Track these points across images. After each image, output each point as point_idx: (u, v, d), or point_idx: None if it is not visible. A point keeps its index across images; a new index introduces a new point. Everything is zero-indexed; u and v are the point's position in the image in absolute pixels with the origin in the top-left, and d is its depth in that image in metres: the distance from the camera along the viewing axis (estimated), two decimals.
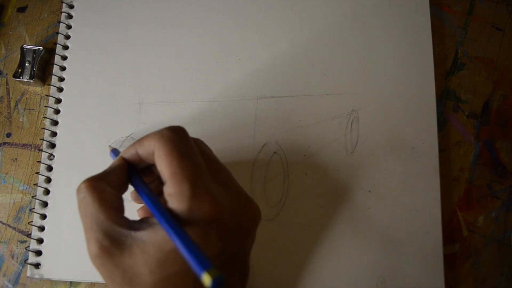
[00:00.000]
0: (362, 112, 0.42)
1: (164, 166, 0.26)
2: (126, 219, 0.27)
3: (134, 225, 0.27)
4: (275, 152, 0.41)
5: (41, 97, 0.45)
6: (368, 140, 0.41)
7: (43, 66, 0.45)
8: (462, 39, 0.45)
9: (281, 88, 0.43)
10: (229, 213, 0.27)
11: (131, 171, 0.30)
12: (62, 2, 0.46)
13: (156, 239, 0.25)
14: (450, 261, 0.40)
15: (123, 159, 0.30)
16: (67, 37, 0.45)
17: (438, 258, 0.38)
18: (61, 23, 0.45)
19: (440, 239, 0.39)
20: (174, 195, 0.26)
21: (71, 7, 0.46)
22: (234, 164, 0.41)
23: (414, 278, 0.38)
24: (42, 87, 0.46)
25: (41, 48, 0.44)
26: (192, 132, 0.43)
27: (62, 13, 0.46)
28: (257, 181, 0.41)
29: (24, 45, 0.44)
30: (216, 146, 0.42)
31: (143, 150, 0.28)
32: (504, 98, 0.44)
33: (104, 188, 0.27)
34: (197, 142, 0.31)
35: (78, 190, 0.28)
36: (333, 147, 0.41)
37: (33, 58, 0.44)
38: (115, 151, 0.37)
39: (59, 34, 0.45)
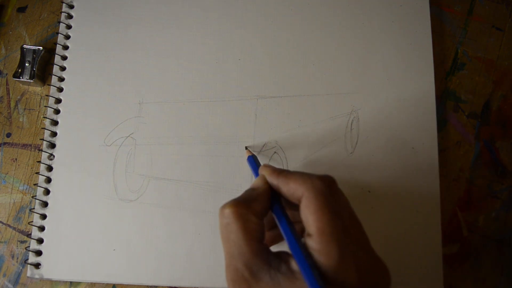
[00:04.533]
0: (362, 112, 0.42)
1: (312, 220, 0.26)
2: (266, 252, 0.27)
3: (273, 262, 0.27)
4: (275, 152, 0.41)
5: (41, 97, 0.45)
6: (368, 140, 0.42)
7: (43, 66, 0.45)
8: (462, 39, 0.45)
9: (281, 88, 0.43)
10: (369, 282, 0.26)
11: (273, 199, 0.30)
12: (62, 2, 0.46)
13: None
14: (450, 261, 0.40)
15: (268, 184, 0.30)
16: (67, 37, 0.45)
17: (437, 258, 0.38)
18: (61, 23, 0.45)
19: (440, 239, 0.39)
20: (320, 252, 0.25)
21: (71, 7, 0.46)
22: (234, 164, 0.41)
23: (413, 278, 0.38)
24: (42, 87, 0.46)
25: (41, 48, 0.44)
26: (192, 132, 0.43)
27: (62, 13, 0.46)
28: None
29: (24, 45, 0.44)
30: (216, 146, 0.42)
31: (287, 190, 0.28)
32: (504, 98, 0.44)
33: (249, 218, 0.27)
34: (337, 192, 0.30)
35: (222, 214, 0.28)
36: (333, 147, 0.41)
37: (33, 58, 0.44)
38: (253, 159, 0.37)
39: (59, 34, 0.45)
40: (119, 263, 0.39)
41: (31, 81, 0.44)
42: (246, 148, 0.41)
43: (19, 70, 0.44)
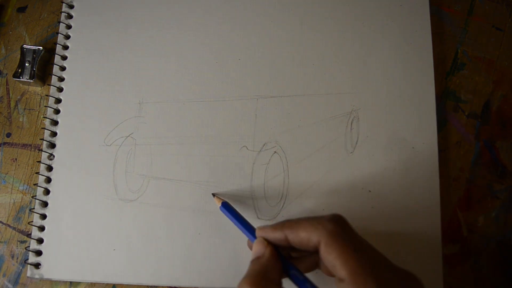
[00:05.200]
0: (362, 112, 0.42)
1: (340, 264, 0.25)
2: None
3: None
4: (275, 152, 0.41)
5: (41, 97, 0.45)
6: (368, 140, 0.42)
7: (43, 66, 0.45)
8: (462, 39, 0.45)
9: (281, 88, 0.43)
10: None
11: (282, 260, 0.29)
12: (62, 2, 0.46)
13: None
14: (450, 261, 0.40)
15: (270, 246, 0.29)
16: (67, 37, 0.45)
17: (437, 258, 0.38)
18: (61, 23, 0.45)
19: (440, 239, 0.39)
20: None
21: (71, 7, 0.46)
22: (234, 164, 0.41)
23: None
24: (42, 87, 0.46)
25: (41, 48, 0.44)
26: (192, 132, 0.43)
27: (62, 13, 0.46)
28: (257, 181, 0.41)
29: (24, 45, 0.44)
30: (216, 147, 0.42)
31: (297, 239, 0.28)
32: (504, 98, 0.44)
33: None
34: (349, 227, 0.29)
35: None
36: (333, 147, 0.41)
37: (33, 58, 0.44)
38: (227, 207, 0.35)
39: (59, 34, 0.45)
40: (119, 263, 0.39)
41: (31, 81, 0.44)
42: (213, 195, 0.39)
43: (19, 70, 0.44)
